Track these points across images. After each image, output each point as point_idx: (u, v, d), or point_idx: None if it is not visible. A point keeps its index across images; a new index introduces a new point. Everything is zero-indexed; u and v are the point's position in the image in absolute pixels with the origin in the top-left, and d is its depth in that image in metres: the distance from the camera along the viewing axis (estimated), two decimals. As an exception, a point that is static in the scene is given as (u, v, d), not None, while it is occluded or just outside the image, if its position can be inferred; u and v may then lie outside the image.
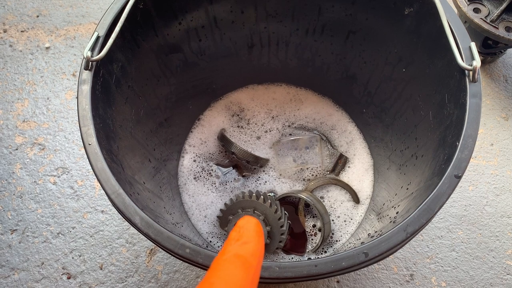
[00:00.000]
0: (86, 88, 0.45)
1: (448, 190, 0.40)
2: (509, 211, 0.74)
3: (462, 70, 0.45)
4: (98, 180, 0.42)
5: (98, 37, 0.48)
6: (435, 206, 0.39)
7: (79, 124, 0.44)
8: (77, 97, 0.45)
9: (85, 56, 0.45)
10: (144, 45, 0.56)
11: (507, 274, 0.70)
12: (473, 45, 0.46)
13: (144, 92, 0.59)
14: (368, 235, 0.56)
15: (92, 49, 0.47)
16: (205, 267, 0.39)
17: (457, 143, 0.42)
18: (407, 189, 0.53)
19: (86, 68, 0.46)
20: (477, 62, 0.44)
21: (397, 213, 0.50)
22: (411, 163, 0.57)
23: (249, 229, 0.31)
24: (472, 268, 0.70)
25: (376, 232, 0.52)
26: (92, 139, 0.43)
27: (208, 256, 0.38)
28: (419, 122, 0.56)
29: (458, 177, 0.40)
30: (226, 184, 0.72)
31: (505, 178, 0.77)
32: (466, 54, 0.46)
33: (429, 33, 0.51)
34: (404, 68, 0.58)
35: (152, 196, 0.55)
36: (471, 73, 0.44)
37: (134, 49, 0.54)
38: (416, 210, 0.39)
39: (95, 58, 0.46)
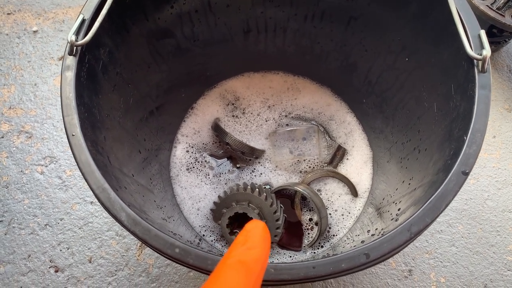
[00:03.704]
0: (70, 75, 0.42)
1: (455, 188, 0.38)
2: (510, 206, 0.72)
3: (470, 60, 0.43)
4: (82, 173, 0.39)
5: (83, 20, 0.45)
6: (441, 205, 0.37)
7: (62, 113, 0.41)
8: (60, 85, 0.42)
9: (69, 41, 0.42)
10: (134, 30, 0.53)
11: (508, 270, 0.68)
12: (482, 33, 0.43)
13: (134, 79, 0.56)
14: (367, 231, 0.53)
15: (77, 33, 0.44)
16: (195, 268, 0.36)
17: (465, 137, 0.39)
18: (409, 184, 0.51)
19: (70, 53, 0.43)
20: (487, 51, 0.41)
21: (398, 210, 0.48)
22: (413, 157, 0.54)
23: (255, 234, 0.31)
24: (472, 263, 0.69)
25: (376, 229, 0.50)
26: (76, 130, 0.40)
27: (199, 257, 0.36)
28: (423, 114, 0.53)
29: (466, 174, 0.38)
30: (220, 176, 0.69)
31: (508, 172, 0.74)
32: (475, 42, 0.43)
33: (435, 20, 0.49)
34: (408, 57, 0.56)
35: (142, 190, 0.52)
36: (480, 63, 0.42)
37: (122, 33, 0.51)
38: (421, 209, 0.37)
39: (80, 42, 0.43)
